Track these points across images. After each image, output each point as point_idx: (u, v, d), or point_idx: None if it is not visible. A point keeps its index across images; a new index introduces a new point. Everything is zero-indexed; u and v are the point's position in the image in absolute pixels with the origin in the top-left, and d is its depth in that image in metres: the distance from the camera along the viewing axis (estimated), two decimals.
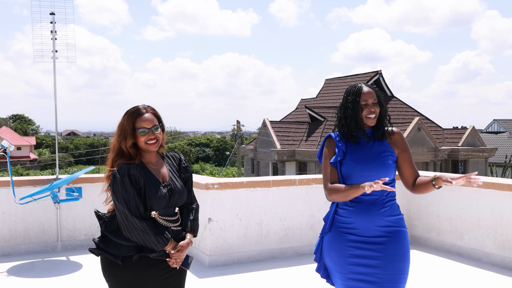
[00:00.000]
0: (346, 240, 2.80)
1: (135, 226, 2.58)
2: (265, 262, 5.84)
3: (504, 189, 5.48)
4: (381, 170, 2.74)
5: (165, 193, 2.71)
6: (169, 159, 2.90)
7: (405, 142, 2.89)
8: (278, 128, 29.04)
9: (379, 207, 2.73)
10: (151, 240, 2.60)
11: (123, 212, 2.58)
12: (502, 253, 5.55)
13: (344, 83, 33.50)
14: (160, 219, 2.71)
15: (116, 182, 2.61)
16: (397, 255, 2.71)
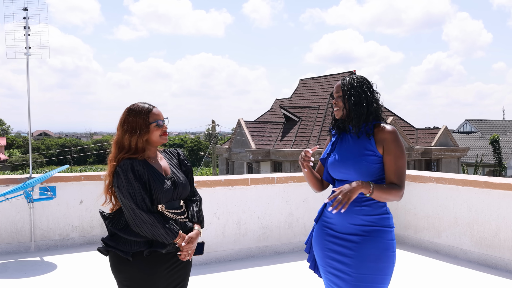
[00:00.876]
0: (326, 234, 2.80)
1: (143, 220, 2.58)
2: (243, 261, 5.79)
3: (481, 186, 5.53)
4: (357, 169, 2.67)
5: (169, 186, 2.74)
6: (167, 154, 2.95)
7: (390, 143, 2.67)
8: (253, 128, 29.01)
9: (354, 205, 2.68)
10: (161, 233, 2.60)
11: (130, 207, 2.58)
12: (479, 250, 5.61)
13: (318, 83, 33.66)
14: (167, 212, 2.72)
15: (120, 178, 2.61)
16: (371, 255, 2.62)
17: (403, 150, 2.69)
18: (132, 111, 2.75)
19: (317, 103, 31.16)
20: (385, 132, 2.69)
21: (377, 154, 2.68)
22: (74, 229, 6.54)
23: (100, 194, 2.88)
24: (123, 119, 2.75)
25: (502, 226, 5.39)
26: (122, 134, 2.72)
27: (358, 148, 2.71)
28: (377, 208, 2.68)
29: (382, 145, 2.68)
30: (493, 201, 5.46)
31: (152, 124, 2.73)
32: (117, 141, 2.74)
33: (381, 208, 2.70)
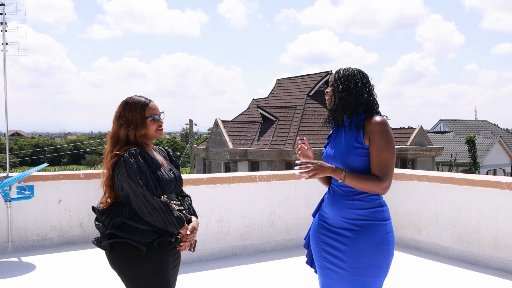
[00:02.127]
0: (321, 227, 2.79)
1: (156, 207, 2.55)
2: (225, 260, 5.75)
3: (461, 183, 5.60)
4: (345, 162, 2.65)
5: (172, 177, 2.74)
6: (159, 150, 2.95)
7: (375, 135, 2.59)
8: (230, 127, 28.95)
9: (345, 199, 2.66)
10: (172, 220, 2.58)
11: (142, 194, 2.54)
12: (460, 246, 5.67)
13: (295, 83, 33.77)
14: (170, 202, 2.70)
15: (129, 165, 2.57)
16: (364, 249, 2.60)
17: (388, 142, 2.60)
18: (128, 104, 2.73)
19: (294, 103, 31.25)
20: (372, 124, 2.62)
21: (365, 147, 2.63)
22: (52, 229, 6.41)
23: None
24: (119, 113, 2.73)
25: (482, 222, 5.46)
26: (118, 128, 2.71)
27: (348, 140, 2.69)
28: (370, 201, 2.65)
29: (368, 136, 2.63)
30: (474, 198, 5.53)
31: (149, 118, 2.73)
32: (113, 135, 2.72)
33: (374, 201, 2.65)
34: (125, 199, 2.65)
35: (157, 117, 2.75)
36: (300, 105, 30.37)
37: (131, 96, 2.78)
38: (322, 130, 29.28)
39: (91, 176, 6.66)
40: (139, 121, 2.69)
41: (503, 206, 5.26)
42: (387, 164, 2.60)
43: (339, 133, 2.79)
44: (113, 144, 2.69)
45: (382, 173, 2.59)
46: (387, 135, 2.61)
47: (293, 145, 26.97)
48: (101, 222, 2.69)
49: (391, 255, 2.68)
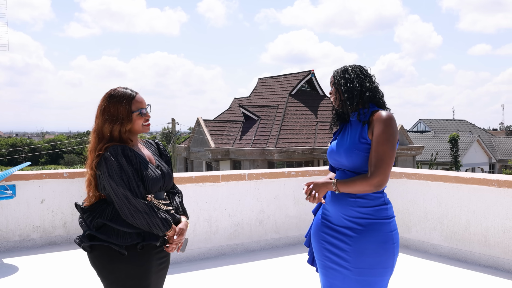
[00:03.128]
0: (323, 226, 2.71)
1: (138, 209, 2.39)
2: (214, 260, 5.65)
3: (451, 181, 5.58)
4: (348, 157, 2.59)
5: (159, 175, 2.57)
6: (147, 144, 2.78)
7: (377, 128, 2.53)
8: (212, 126, 28.80)
9: (348, 197, 2.59)
10: (156, 222, 2.43)
11: (123, 195, 2.38)
12: (449, 244, 5.66)
13: (277, 82, 33.75)
14: (157, 202, 2.55)
15: (110, 164, 2.41)
16: (368, 249, 2.53)
17: (389, 137, 2.52)
18: (113, 98, 2.54)
19: (276, 102, 31.22)
20: (376, 117, 2.57)
21: (368, 141, 2.57)
22: (35, 229, 6.23)
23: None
24: (103, 107, 2.54)
25: (472, 220, 5.45)
26: (102, 123, 2.52)
27: (353, 135, 2.62)
28: (374, 199, 2.58)
29: (372, 129, 2.57)
30: (463, 195, 5.52)
31: (135, 113, 2.55)
32: (97, 130, 2.54)
33: (378, 199, 2.59)
34: (109, 198, 2.50)
35: (144, 111, 2.57)
36: (282, 104, 30.35)
37: (116, 88, 2.59)
38: (304, 129, 29.31)
39: (75, 175, 6.50)
40: (124, 116, 2.51)
41: (493, 204, 5.25)
42: (382, 158, 2.50)
43: (345, 130, 2.74)
44: (97, 141, 2.51)
45: (374, 166, 2.51)
46: (390, 130, 2.54)
47: (275, 144, 26.95)
48: (83, 220, 2.54)
49: (396, 253, 2.61)
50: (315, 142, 28.55)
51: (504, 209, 5.17)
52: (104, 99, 2.56)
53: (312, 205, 6.47)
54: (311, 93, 32.56)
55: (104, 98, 2.57)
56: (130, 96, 2.56)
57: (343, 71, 2.71)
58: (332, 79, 2.76)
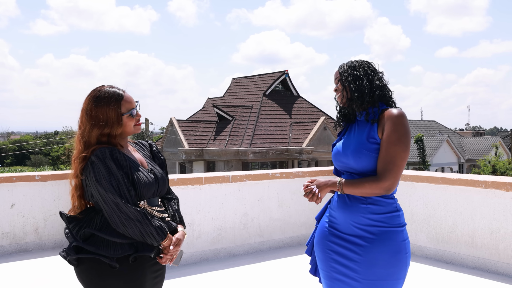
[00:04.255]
0: (330, 234, 2.52)
1: (130, 216, 2.16)
2: (197, 265, 5.45)
3: (438, 182, 5.51)
4: (356, 158, 2.41)
5: (152, 179, 2.33)
6: (139, 146, 2.54)
7: (388, 127, 2.35)
8: (185, 127, 28.48)
9: (359, 202, 2.40)
10: (150, 231, 2.20)
11: (113, 202, 2.16)
12: (436, 246, 5.58)
13: (251, 82, 33.61)
14: (150, 209, 2.32)
15: (97, 168, 2.18)
16: (380, 259, 2.35)
17: (401, 137, 2.34)
18: (99, 100, 2.28)
19: (250, 102, 31.08)
20: (387, 115, 2.39)
21: (378, 141, 2.39)
22: (4, 236, 5.92)
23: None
24: (89, 110, 2.28)
25: (459, 221, 5.38)
26: (89, 129, 2.27)
27: (361, 135, 2.44)
28: (386, 205, 2.40)
29: (382, 128, 2.39)
30: (450, 197, 5.45)
31: (125, 115, 2.31)
32: (83, 136, 2.28)
33: (390, 205, 2.41)
34: (98, 206, 2.27)
35: (134, 111, 2.35)
36: (257, 105, 30.22)
37: (101, 88, 2.33)
38: (278, 130, 29.25)
39: (47, 177, 6.20)
40: (114, 120, 2.27)
41: (481, 205, 5.19)
42: (393, 160, 2.33)
43: (350, 130, 2.56)
44: (83, 148, 2.26)
45: (385, 169, 2.34)
46: (402, 128, 2.36)
47: (250, 145, 26.80)
48: (69, 231, 2.30)
49: (408, 264, 2.45)
50: (289, 142, 28.50)
51: (491, 210, 5.11)
52: (89, 101, 2.31)
53: (298, 208, 6.33)
54: (285, 93, 32.53)
55: (88, 100, 2.32)
56: (119, 96, 2.31)
57: (351, 67, 2.53)
58: (337, 75, 2.57)
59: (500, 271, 5.03)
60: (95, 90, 2.34)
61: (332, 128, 28.55)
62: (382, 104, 2.49)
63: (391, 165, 2.33)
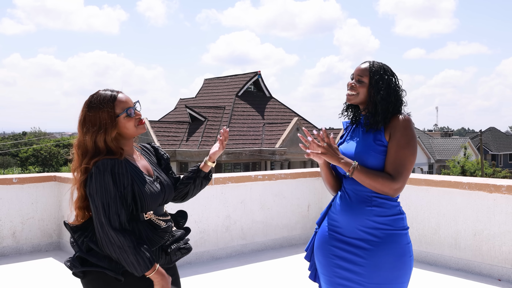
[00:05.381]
0: (332, 238, 2.47)
1: (110, 241, 2.06)
2: (179, 269, 5.32)
3: (420, 184, 5.54)
4: (364, 161, 2.37)
5: (158, 189, 2.25)
6: (144, 151, 2.44)
7: (397, 130, 2.36)
8: (157, 128, 28.20)
9: (364, 205, 2.37)
10: (130, 260, 2.06)
11: (99, 220, 2.07)
12: (419, 247, 5.62)
13: (223, 83, 33.51)
14: (156, 219, 2.23)
15: (93, 181, 2.10)
16: (386, 262, 2.32)
17: (410, 141, 2.36)
18: (92, 104, 2.20)
19: (222, 103, 30.98)
20: (395, 119, 2.39)
21: (385, 143, 2.38)
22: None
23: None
24: (82, 117, 2.22)
25: (442, 223, 5.43)
26: (83, 136, 2.19)
27: (368, 138, 2.42)
28: (390, 208, 2.38)
29: (389, 132, 2.38)
30: (433, 198, 5.49)
31: (121, 115, 2.21)
32: (79, 145, 2.20)
33: (394, 208, 2.40)
34: None
35: (131, 110, 2.23)
36: (229, 105, 30.15)
37: (95, 93, 2.26)
38: (251, 130, 29.23)
39: (25, 180, 6.02)
40: (107, 122, 2.17)
41: (464, 207, 5.24)
42: (404, 163, 2.34)
43: (355, 131, 2.52)
44: (81, 157, 2.19)
45: (396, 172, 2.33)
46: (411, 132, 2.38)
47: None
48: (74, 240, 2.23)
49: (412, 267, 2.44)
50: (262, 143, 28.52)
51: (474, 211, 5.17)
52: (83, 107, 2.24)
53: (280, 210, 6.29)
54: (257, 94, 32.54)
55: (83, 106, 2.25)
56: (111, 97, 2.22)
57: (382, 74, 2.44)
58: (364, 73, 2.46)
59: (484, 272, 5.09)
60: (90, 96, 2.26)
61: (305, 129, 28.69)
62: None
63: (402, 168, 2.34)
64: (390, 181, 2.32)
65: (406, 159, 2.35)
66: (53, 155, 57.50)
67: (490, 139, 55.97)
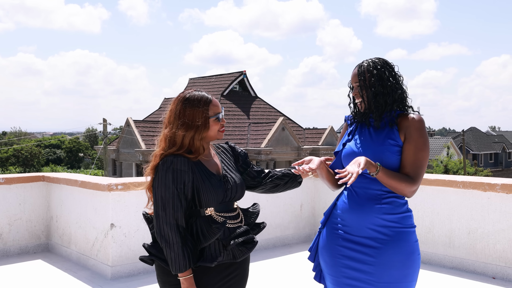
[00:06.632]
0: (339, 238, 2.42)
1: (161, 233, 2.19)
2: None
3: None
4: (377, 160, 2.34)
5: (220, 186, 2.32)
6: (219, 149, 2.53)
7: (414, 131, 2.35)
8: (142, 127, 27.99)
9: (373, 203, 2.33)
10: (170, 256, 2.18)
11: (156, 212, 2.22)
12: None
13: (208, 82, 33.38)
14: (217, 215, 2.30)
15: (157, 176, 2.24)
16: (395, 261, 2.30)
17: (426, 142, 2.37)
18: (189, 101, 2.31)
19: None
20: (409, 120, 2.37)
21: (399, 144, 2.35)
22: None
23: None
24: (178, 111, 2.31)
25: (436, 222, 5.43)
26: (175, 129, 2.27)
27: (380, 137, 2.38)
28: (399, 206, 2.36)
29: (404, 132, 2.36)
30: (427, 197, 5.49)
31: (212, 118, 2.34)
32: (169, 136, 2.28)
33: (403, 206, 2.38)
34: None
35: (221, 116, 2.38)
36: None
37: (190, 91, 2.37)
38: (236, 130, 29.16)
39: (13, 180, 5.89)
40: (201, 122, 2.29)
41: (458, 205, 5.25)
42: (422, 165, 2.35)
43: (364, 129, 2.47)
44: (168, 147, 2.29)
45: (416, 174, 2.33)
46: (426, 134, 2.39)
47: None
48: (150, 230, 2.39)
49: (419, 265, 2.41)
50: (247, 143, 28.46)
51: (468, 210, 5.17)
52: (178, 102, 2.34)
53: (273, 210, 6.23)
54: (243, 94, 32.49)
55: (178, 101, 2.35)
56: (207, 100, 2.34)
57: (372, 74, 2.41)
58: (356, 79, 2.46)
59: (478, 270, 5.10)
60: (185, 93, 2.38)
61: (290, 129, 28.71)
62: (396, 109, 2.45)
63: (420, 170, 2.34)
64: (410, 183, 2.32)
65: (423, 160, 2.36)
66: (34, 155, 56.83)
67: (471, 139, 56.60)
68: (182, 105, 2.31)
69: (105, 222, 5.01)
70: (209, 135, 2.35)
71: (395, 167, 2.36)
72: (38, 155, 59.30)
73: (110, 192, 4.92)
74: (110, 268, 4.95)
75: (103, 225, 5.06)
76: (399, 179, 2.29)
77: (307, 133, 31.85)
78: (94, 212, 5.24)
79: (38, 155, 59.30)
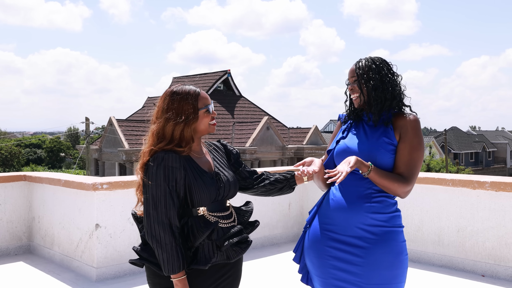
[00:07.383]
0: (326, 238, 2.35)
1: (152, 233, 2.10)
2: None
3: None
4: (371, 158, 2.29)
5: (212, 184, 2.25)
6: (211, 147, 2.46)
7: (409, 130, 2.32)
8: (125, 126, 27.70)
9: (363, 201, 2.28)
10: (162, 257, 2.09)
11: (147, 211, 2.13)
12: None
13: (192, 81, 33.20)
14: (209, 215, 2.23)
15: (149, 173, 2.16)
16: (384, 261, 2.24)
17: (421, 142, 2.34)
18: (177, 94, 2.26)
19: None
20: (404, 119, 2.34)
21: (394, 143, 2.31)
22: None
23: None
24: (166, 105, 2.26)
25: (425, 220, 5.40)
26: (164, 123, 2.22)
27: (374, 135, 2.33)
28: (389, 205, 2.32)
29: (399, 132, 2.32)
30: (416, 195, 5.46)
31: (202, 110, 2.27)
32: (157, 131, 2.23)
33: (392, 205, 2.34)
34: None
35: (210, 108, 2.31)
36: None
37: (178, 85, 2.33)
38: (221, 130, 29.05)
39: None
40: (190, 113, 2.23)
41: (447, 203, 5.23)
42: (416, 165, 2.31)
43: (358, 127, 2.42)
44: (156, 141, 2.22)
45: (410, 174, 2.29)
46: (421, 134, 2.35)
47: None
48: (140, 231, 2.30)
49: (407, 266, 2.36)
50: (232, 142, 28.37)
51: (458, 208, 5.16)
52: (165, 97, 2.29)
53: (261, 209, 6.16)
54: (227, 93, 32.39)
55: (165, 96, 2.30)
56: (196, 92, 2.30)
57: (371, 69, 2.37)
58: (353, 74, 2.41)
59: (467, 268, 5.09)
60: (172, 87, 2.34)
61: (275, 128, 28.67)
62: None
63: (415, 170, 2.31)
64: (404, 183, 2.28)
65: (418, 160, 2.32)
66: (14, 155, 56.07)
67: (453, 139, 57.21)
68: (170, 99, 2.26)
69: (89, 223, 4.89)
70: (200, 128, 2.28)
71: (388, 166, 2.32)
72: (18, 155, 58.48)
73: (95, 192, 4.80)
74: (95, 270, 4.83)
75: (87, 225, 4.93)
76: (392, 179, 2.25)
77: (292, 132, 31.86)
78: (78, 212, 5.11)
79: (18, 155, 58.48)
